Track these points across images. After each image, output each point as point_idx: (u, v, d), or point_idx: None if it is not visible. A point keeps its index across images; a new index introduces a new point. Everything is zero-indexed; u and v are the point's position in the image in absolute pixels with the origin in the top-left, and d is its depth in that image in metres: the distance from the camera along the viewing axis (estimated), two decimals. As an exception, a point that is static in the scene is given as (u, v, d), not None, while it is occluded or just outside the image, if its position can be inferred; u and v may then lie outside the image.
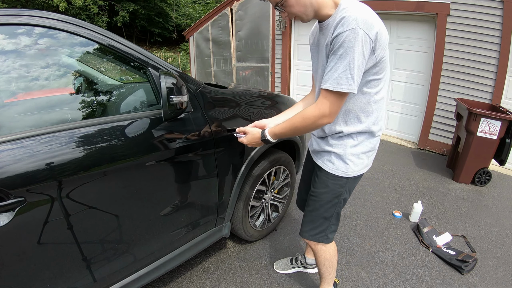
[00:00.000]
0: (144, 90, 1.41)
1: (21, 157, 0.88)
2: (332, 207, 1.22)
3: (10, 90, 1.01)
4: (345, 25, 0.91)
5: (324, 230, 1.27)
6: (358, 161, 1.15)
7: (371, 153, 1.18)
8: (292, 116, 1.09)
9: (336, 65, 0.95)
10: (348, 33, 0.91)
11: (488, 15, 3.22)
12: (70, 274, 1.06)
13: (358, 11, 0.92)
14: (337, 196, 1.20)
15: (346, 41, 0.91)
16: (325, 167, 1.19)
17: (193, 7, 21.28)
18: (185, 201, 1.41)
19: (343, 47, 0.92)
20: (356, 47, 0.91)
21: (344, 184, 1.18)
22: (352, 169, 1.15)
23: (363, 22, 0.90)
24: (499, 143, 2.81)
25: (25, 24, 0.97)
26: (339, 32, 0.92)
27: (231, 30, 6.33)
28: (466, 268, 1.81)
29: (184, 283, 1.70)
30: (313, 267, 1.76)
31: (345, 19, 0.92)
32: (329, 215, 1.24)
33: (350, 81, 0.94)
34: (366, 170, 1.21)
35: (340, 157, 1.15)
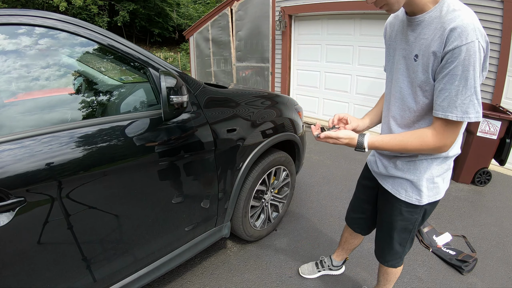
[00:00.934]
0: (144, 90, 1.41)
1: (21, 157, 0.88)
2: (406, 234, 1.15)
3: (11, 90, 1.01)
4: (463, 36, 0.76)
5: (400, 256, 1.22)
6: (432, 185, 1.02)
7: (446, 174, 1.05)
8: (405, 134, 0.94)
9: (459, 89, 0.79)
10: (468, 47, 0.76)
11: (488, 15, 3.22)
12: (70, 274, 1.06)
13: (473, 16, 0.78)
14: (413, 223, 1.11)
15: (466, 57, 0.76)
16: (397, 194, 1.08)
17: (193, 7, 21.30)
18: (185, 201, 1.41)
19: (463, 64, 0.77)
20: (477, 66, 0.77)
21: (419, 211, 1.08)
22: (426, 196, 1.03)
23: (480, 32, 0.77)
24: (499, 143, 2.81)
25: (25, 24, 0.97)
26: (456, 45, 0.77)
27: (231, 30, 6.33)
28: (466, 268, 1.81)
29: (184, 283, 1.70)
30: (338, 269, 1.76)
31: (463, 29, 0.76)
32: (404, 242, 1.18)
33: (477, 107, 0.80)
34: (443, 194, 1.07)
35: (412, 183, 1.03)
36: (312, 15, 4.95)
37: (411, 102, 0.96)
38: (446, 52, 0.79)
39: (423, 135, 0.91)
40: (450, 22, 0.78)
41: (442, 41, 0.80)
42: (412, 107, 0.96)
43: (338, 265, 1.74)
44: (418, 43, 0.88)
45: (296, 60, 5.49)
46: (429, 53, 0.84)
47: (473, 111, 0.81)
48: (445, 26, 0.79)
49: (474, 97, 0.79)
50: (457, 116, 0.82)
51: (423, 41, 0.86)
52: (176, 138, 1.27)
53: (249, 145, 1.62)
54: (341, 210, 2.48)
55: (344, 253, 1.66)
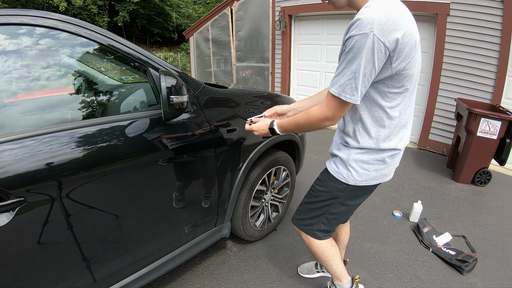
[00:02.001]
0: (144, 90, 1.41)
1: (21, 157, 0.88)
2: (325, 206, 1.23)
3: (11, 90, 1.01)
4: (358, 27, 0.84)
5: (312, 224, 1.28)
6: (362, 171, 1.10)
7: (380, 167, 1.11)
8: (299, 113, 1.09)
9: (344, 70, 0.90)
10: (358, 37, 0.84)
11: (488, 15, 3.22)
12: (70, 274, 1.06)
13: (378, 12, 0.83)
14: (333, 198, 1.20)
15: (355, 46, 0.85)
16: (329, 168, 1.19)
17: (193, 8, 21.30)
18: (185, 201, 1.41)
19: (352, 52, 0.86)
20: (364, 55, 0.84)
21: (343, 189, 1.16)
22: (353, 178, 1.11)
23: (379, 27, 0.82)
24: (499, 143, 2.81)
25: (26, 24, 0.97)
26: (351, 35, 0.86)
27: (231, 30, 6.33)
28: (466, 268, 1.81)
29: (184, 283, 1.70)
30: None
31: (360, 21, 0.84)
32: (320, 212, 1.25)
33: (354, 91, 0.89)
34: (374, 183, 1.15)
35: (343, 162, 1.13)
36: (312, 15, 4.95)
37: None
38: (345, 40, 0.89)
39: (310, 109, 1.03)
40: (356, 17, 0.86)
41: (346, 31, 0.90)
42: None
43: (349, 286, 1.71)
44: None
45: (296, 60, 5.49)
46: (343, 43, 0.94)
47: (349, 92, 0.90)
48: (352, 21, 0.88)
49: (353, 81, 0.88)
50: (337, 92, 0.91)
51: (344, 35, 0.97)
52: (176, 138, 1.27)
53: (249, 145, 1.62)
54: (341, 210, 2.48)
55: (341, 251, 1.63)
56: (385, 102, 0.99)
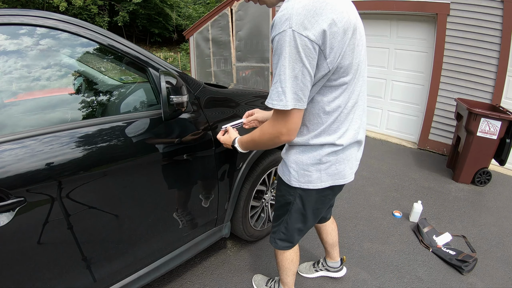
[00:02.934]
0: (144, 90, 1.41)
1: (21, 157, 0.88)
2: (282, 213, 1.19)
3: (11, 90, 1.01)
4: (277, 26, 0.77)
5: (274, 232, 1.26)
6: (303, 172, 1.03)
7: (322, 166, 1.01)
8: (256, 128, 1.02)
9: (274, 78, 0.83)
10: (278, 37, 0.77)
11: (488, 15, 3.22)
12: (70, 274, 1.06)
13: (296, 5, 0.75)
14: (288, 203, 1.13)
15: (277, 47, 0.77)
16: (278, 170, 1.17)
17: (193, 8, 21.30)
18: (185, 201, 1.41)
19: (276, 54, 0.79)
20: (287, 54, 0.76)
21: (292, 192, 1.09)
22: (295, 179, 1.05)
23: (298, 20, 0.74)
24: (499, 143, 2.81)
25: (27, 25, 0.97)
26: (272, 37, 0.79)
27: (231, 30, 6.33)
28: (466, 268, 1.81)
29: (184, 283, 1.70)
30: (336, 270, 1.72)
31: (277, 19, 0.77)
32: (280, 220, 1.21)
33: (281, 95, 0.80)
34: (321, 185, 1.04)
35: (285, 163, 1.09)
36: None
37: None
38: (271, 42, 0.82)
39: (263, 125, 0.96)
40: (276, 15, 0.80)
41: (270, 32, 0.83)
42: None
43: (336, 267, 1.71)
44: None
45: (296, 60, 5.48)
46: None
47: (276, 98, 0.82)
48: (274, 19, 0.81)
49: (278, 85, 0.80)
50: (267, 102, 0.84)
51: None
52: (176, 138, 1.27)
53: (249, 145, 1.61)
54: (341, 210, 2.48)
55: (330, 251, 1.64)
56: (321, 97, 0.91)
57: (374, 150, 3.90)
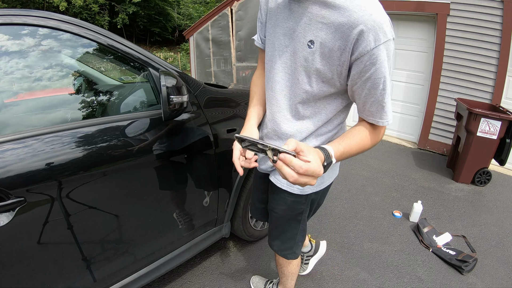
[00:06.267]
0: (144, 90, 1.41)
1: (20, 157, 0.88)
2: (295, 224, 1.12)
3: (12, 90, 1.01)
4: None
5: (291, 247, 1.18)
6: None
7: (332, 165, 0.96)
8: (354, 133, 0.82)
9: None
10: (384, 46, 0.72)
11: (488, 15, 3.22)
12: (70, 274, 1.06)
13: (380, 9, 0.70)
14: (300, 213, 1.08)
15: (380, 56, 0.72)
16: (279, 184, 1.01)
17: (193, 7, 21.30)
18: (185, 201, 1.41)
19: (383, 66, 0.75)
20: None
21: (304, 201, 1.04)
22: (309, 186, 0.99)
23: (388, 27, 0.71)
24: (499, 143, 2.82)
25: (29, 25, 0.97)
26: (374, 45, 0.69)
27: (231, 30, 6.32)
28: (466, 268, 1.81)
29: (184, 283, 1.70)
30: (314, 252, 1.71)
31: (376, 21, 0.70)
32: (294, 232, 1.14)
33: (389, 112, 0.82)
34: (329, 182, 1.04)
35: None
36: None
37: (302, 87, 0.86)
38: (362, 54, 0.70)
39: (366, 136, 0.84)
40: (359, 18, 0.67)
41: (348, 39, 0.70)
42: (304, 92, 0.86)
43: (309, 249, 1.69)
44: (314, 26, 0.75)
45: (296, 60, 5.49)
46: (335, 46, 0.73)
47: (385, 116, 0.81)
48: (353, 22, 0.68)
49: (384, 102, 0.78)
50: (383, 122, 0.82)
51: (323, 27, 0.73)
52: (176, 138, 1.27)
53: (249, 145, 1.61)
54: (340, 210, 2.48)
55: None
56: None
57: (374, 150, 3.90)
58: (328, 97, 0.86)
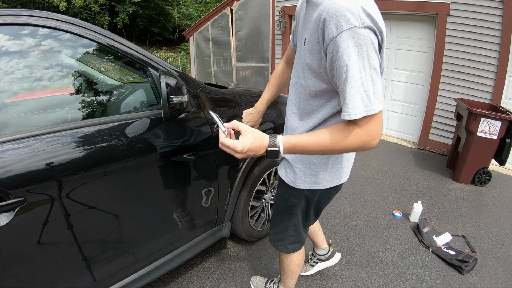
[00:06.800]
0: (144, 90, 1.41)
1: (20, 157, 0.88)
2: (288, 217, 1.13)
3: (12, 90, 1.01)
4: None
5: (283, 239, 1.20)
6: (309, 172, 0.99)
7: (329, 165, 0.98)
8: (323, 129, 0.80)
9: None
10: (348, 33, 0.74)
11: (488, 15, 3.22)
12: (70, 274, 1.06)
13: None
14: (292, 206, 1.10)
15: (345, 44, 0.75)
16: (280, 172, 1.10)
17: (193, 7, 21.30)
18: (185, 201, 1.41)
19: None
20: None
21: (297, 194, 1.05)
22: (302, 180, 1.01)
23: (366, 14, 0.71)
24: (499, 143, 2.82)
25: (29, 25, 0.97)
26: (337, 33, 0.73)
27: (231, 30, 6.33)
28: (466, 268, 1.81)
29: (184, 283, 1.70)
30: (330, 257, 1.69)
31: (337, 7, 0.72)
32: (286, 224, 1.15)
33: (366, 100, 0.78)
34: (327, 185, 1.02)
35: (290, 164, 1.02)
36: (312, 15, 4.94)
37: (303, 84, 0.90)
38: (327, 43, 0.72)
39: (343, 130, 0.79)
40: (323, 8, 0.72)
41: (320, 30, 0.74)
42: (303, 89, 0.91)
43: (324, 253, 1.68)
44: (307, 26, 0.83)
45: (296, 60, 5.49)
46: (314, 39, 0.77)
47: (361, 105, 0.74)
48: (321, 12, 0.72)
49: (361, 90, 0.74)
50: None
51: (310, 24, 0.79)
52: (176, 138, 1.27)
53: (249, 145, 1.61)
54: (341, 210, 2.48)
55: (315, 241, 1.63)
56: None
57: (374, 150, 3.90)
58: (325, 95, 0.87)
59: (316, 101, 0.89)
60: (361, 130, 0.75)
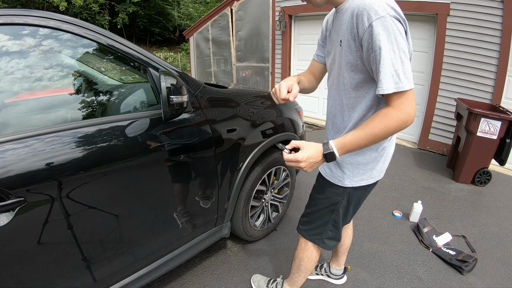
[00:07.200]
0: (144, 90, 1.41)
1: (21, 157, 0.88)
2: (328, 213, 1.18)
3: (12, 90, 1.01)
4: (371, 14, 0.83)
5: (320, 233, 1.23)
6: (356, 171, 1.06)
7: (374, 163, 1.06)
8: (366, 122, 0.89)
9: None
10: (378, 22, 0.82)
11: (488, 15, 3.22)
12: (70, 274, 1.06)
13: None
14: (334, 204, 1.15)
15: (378, 31, 0.83)
16: (323, 172, 1.15)
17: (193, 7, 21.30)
18: (185, 201, 1.41)
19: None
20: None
21: (341, 193, 1.11)
22: (349, 179, 1.07)
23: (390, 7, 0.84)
24: (499, 143, 2.82)
25: (30, 25, 0.97)
26: (369, 24, 0.82)
27: (231, 30, 6.33)
28: (466, 268, 1.81)
29: (184, 283, 1.70)
30: (337, 278, 1.71)
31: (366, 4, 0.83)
32: (325, 220, 1.19)
33: (396, 78, 0.86)
34: (371, 181, 1.10)
35: (337, 164, 1.08)
36: (312, 15, 4.95)
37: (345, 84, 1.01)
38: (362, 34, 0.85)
39: (382, 114, 0.88)
40: (356, 7, 0.86)
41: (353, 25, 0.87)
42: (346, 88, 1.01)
43: (338, 274, 1.69)
44: (340, 30, 0.97)
45: (296, 60, 5.49)
46: (350, 36, 0.90)
47: (391, 82, 0.84)
48: (353, 11, 0.87)
49: (392, 69, 0.84)
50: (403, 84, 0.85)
51: (343, 27, 0.94)
52: (176, 138, 1.27)
53: (249, 145, 1.62)
54: (341, 210, 2.48)
55: (338, 257, 1.63)
56: None
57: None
58: (364, 86, 0.96)
59: (357, 93, 0.97)
60: (395, 110, 0.84)
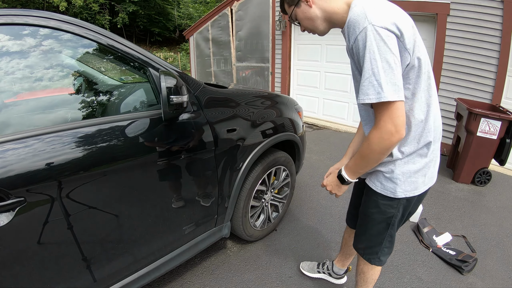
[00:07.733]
0: (144, 90, 1.41)
1: (21, 157, 0.88)
2: (384, 229, 1.13)
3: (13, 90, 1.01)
4: (356, 27, 0.84)
5: (377, 252, 1.19)
6: (409, 180, 1.02)
7: (425, 169, 1.02)
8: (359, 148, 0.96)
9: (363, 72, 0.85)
10: (361, 35, 0.83)
11: (488, 15, 3.22)
12: (70, 274, 1.06)
13: (364, 5, 0.85)
14: (390, 217, 1.09)
15: (361, 43, 0.84)
16: (373, 186, 1.09)
17: (193, 7, 21.30)
18: (185, 201, 1.41)
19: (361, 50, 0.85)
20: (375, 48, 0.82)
21: (395, 205, 1.07)
22: (402, 189, 1.03)
23: (374, 16, 0.82)
24: (499, 143, 2.81)
25: (30, 25, 0.97)
26: (354, 38, 0.85)
27: (231, 30, 6.33)
28: (466, 268, 1.81)
29: (184, 283, 1.70)
30: (338, 278, 1.70)
31: (354, 21, 0.85)
32: (382, 237, 1.15)
33: (377, 88, 0.81)
34: (424, 189, 1.06)
35: (386, 177, 1.04)
36: (312, 15, 4.93)
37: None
38: (351, 46, 0.89)
39: (368, 134, 0.93)
40: (346, 21, 0.90)
41: (348, 39, 0.91)
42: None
43: (339, 274, 1.68)
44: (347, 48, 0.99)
45: (296, 60, 5.49)
46: (348, 50, 0.95)
47: (372, 92, 0.83)
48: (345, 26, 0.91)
49: (373, 78, 0.83)
50: (361, 98, 0.88)
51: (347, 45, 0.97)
52: (176, 138, 1.27)
53: (249, 145, 1.62)
54: (341, 210, 2.48)
55: (345, 258, 1.61)
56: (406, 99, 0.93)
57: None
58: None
59: (366, 105, 0.94)
60: (374, 129, 0.88)
